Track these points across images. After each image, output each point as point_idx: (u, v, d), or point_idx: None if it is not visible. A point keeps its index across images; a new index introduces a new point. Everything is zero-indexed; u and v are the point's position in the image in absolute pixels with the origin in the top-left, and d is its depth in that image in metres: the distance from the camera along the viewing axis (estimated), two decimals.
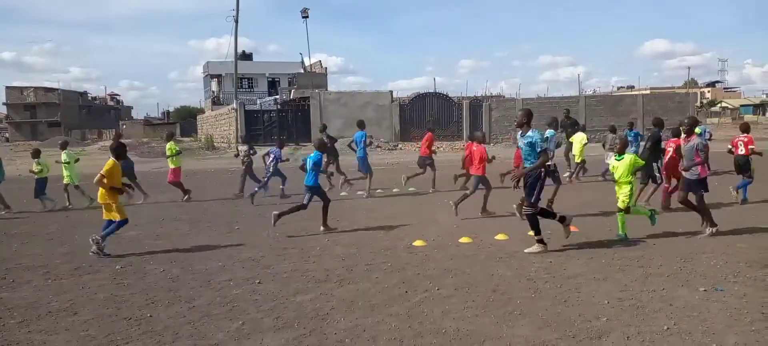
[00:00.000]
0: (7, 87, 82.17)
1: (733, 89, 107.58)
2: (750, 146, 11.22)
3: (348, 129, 35.38)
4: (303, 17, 52.33)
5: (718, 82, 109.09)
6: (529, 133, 7.63)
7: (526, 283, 6.24)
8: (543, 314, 5.26)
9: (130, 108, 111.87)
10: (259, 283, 6.50)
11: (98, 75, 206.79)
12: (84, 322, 5.38)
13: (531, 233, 7.70)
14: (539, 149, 7.49)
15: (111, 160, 8.09)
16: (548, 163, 8.06)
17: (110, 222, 8.03)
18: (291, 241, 8.81)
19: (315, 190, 9.35)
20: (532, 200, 7.48)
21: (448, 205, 10.53)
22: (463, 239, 8.42)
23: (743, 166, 11.34)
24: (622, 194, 8.16)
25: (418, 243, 8.28)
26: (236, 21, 40.21)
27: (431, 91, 41.08)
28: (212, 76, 62.50)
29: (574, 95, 42.71)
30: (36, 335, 5.10)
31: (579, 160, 15.79)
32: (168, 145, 14.48)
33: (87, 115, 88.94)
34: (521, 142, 7.70)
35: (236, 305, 5.74)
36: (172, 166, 14.07)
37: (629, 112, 36.68)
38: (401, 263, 7.24)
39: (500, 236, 8.54)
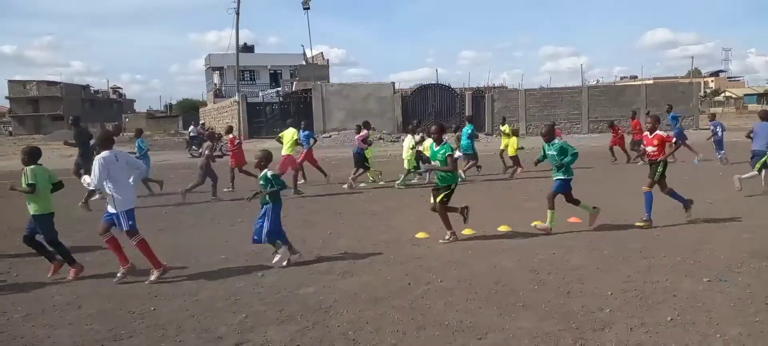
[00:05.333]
0: (10, 81, 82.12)
1: (737, 78, 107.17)
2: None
3: (350, 121, 35.36)
4: (304, 9, 52.13)
5: (721, 71, 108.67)
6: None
7: (529, 275, 6.24)
8: (546, 306, 5.25)
9: (132, 101, 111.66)
10: (262, 276, 6.51)
11: (100, 68, 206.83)
12: (88, 316, 5.39)
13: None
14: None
15: None
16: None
17: None
18: (294, 234, 8.79)
19: None
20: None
21: None
22: (466, 231, 8.40)
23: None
24: None
25: (420, 235, 8.28)
26: (237, 13, 40.21)
27: (433, 82, 40.94)
28: (214, 69, 62.47)
29: (577, 85, 42.54)
30: (40, 329, 5.11)
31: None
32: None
33: (90, 108, 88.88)
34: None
35: (239, 298, 5.74)
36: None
37: (633, 102, 36.51)
38: (404, 256, 7.24)
39: (503, 228, 8.53)
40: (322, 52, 59.00)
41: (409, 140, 14.35)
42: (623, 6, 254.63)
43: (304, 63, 53.13)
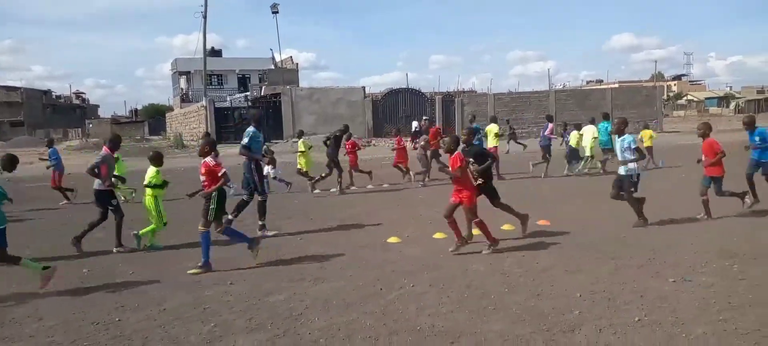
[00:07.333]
0: None
1: (698, 82, 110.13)
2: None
3: (321, 125, 35.25)
4: (273, 12, 51.91)
5: (683, 75, 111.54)
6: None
7: (500, 277, 6.27)
8: (517, 309, 5.28)
9: (96, 106, 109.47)
10: (231, 284, 6.40)
11: (63, 73, 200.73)
12: (49, 328, 5.22)
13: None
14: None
15: None
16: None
17: None
18: (264, 241, 8.70)
19: None
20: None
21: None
22: (438, 235, 8.42)
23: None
24: None
25: (392, 240, 8.26)
26: (205, 17, 39.76)
27: (404, 86, 41.12)
28: (181, 74, 61.59)
29: (544, 90, 43.19)
30: None
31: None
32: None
33: (52, 114, 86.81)
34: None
35: (208, 307, 5.63)
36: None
37: (598, 105, 37.23)
38: (376, 260, 7.21)
39: (474, 232, 8.56)
40: (291, 56, 58.72)
41: (592, 130, 16.01)
42: (589, 11, 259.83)
43: (273, 67, 52.77)
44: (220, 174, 7.14)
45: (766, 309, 5.03)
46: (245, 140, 9.15)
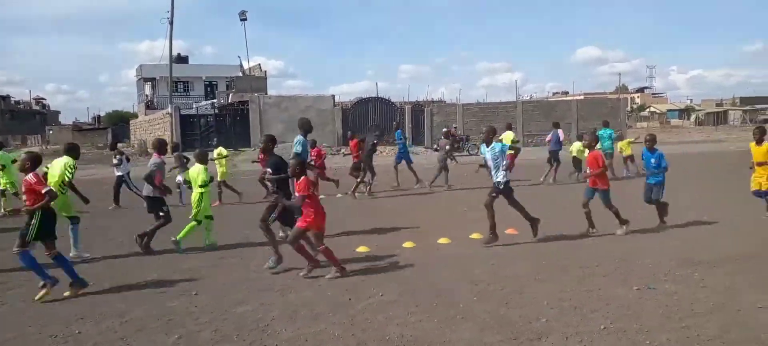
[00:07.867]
0: None
1: (660, 95, 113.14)
2: None
3: (289, 134, 34.91)
4: (241, 20, 51.54)
5: (646, 87, 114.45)
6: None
7: (469, 286, 6.29)
8: (485, 317, 5.30)
9: (57, 113, 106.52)
10: (196, 294, 6.27)
11: (21, 78, 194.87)
12: (4, 341, 5.03)
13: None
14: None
15: None
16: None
17: None
18: (231, 251, 8.57)
19: None
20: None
21: None
22: (407, 244, 8.42)
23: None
24: None
25: (361, 249, 8.22)
26: (171, 23, 39.15)
27: (374, 95, 41.13)
28: (146, 80, 60.45)
29: (512, 100, 43.75)
30: None
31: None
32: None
33: (10, 120, 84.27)
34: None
35: (172, 318, 5.50)
36: None
37: (564, 116, 37.90)
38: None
39: (443, 240, 8.59)
40: (259, 64, 57.98)
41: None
42: (555, 25, 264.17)
43: (240, 74, 52.17)
44: (43, 192, 6.33)
45: (727, 316, 5.16)
46: (299, 149, 9.34)
